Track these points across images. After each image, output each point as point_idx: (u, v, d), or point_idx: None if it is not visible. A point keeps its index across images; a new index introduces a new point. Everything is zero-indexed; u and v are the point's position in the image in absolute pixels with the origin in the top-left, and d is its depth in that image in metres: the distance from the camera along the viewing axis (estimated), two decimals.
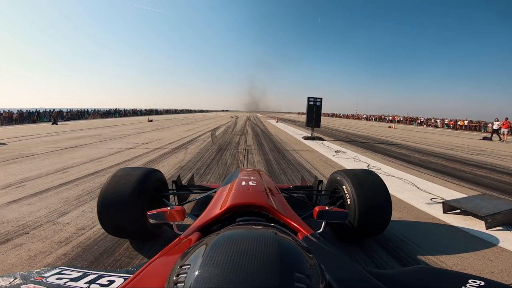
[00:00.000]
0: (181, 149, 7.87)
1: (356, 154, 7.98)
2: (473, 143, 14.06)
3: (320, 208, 1.35)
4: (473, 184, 4.99)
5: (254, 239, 0.67)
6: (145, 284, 0.87)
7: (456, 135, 20.31)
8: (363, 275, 0.95)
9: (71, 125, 18.81)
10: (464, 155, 9.03)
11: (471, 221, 3.14)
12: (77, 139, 10.08)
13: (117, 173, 2.24)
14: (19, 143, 9.15)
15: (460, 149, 10.56)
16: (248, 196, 1.64)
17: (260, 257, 0.60)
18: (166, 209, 1.32)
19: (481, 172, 6.20)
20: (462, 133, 23.99)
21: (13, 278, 1.00)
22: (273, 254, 0.61)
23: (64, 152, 7.13)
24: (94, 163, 5.81)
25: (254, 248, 0.63)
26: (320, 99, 10.96)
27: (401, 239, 2.62)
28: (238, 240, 0.67)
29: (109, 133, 12.51)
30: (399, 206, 3.60)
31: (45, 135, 11.87)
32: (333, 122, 32.47)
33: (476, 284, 0.88)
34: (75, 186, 4.13)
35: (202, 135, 12.39)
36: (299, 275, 0.58)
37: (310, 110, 10.99)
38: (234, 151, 7.95)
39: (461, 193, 4.27)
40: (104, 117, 34.37)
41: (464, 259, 2.29)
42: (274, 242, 0.66)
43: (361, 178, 2.33)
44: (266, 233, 0.74)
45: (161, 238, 2.43)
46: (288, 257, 0.62)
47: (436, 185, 4.80)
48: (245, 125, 21.38)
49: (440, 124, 36.47)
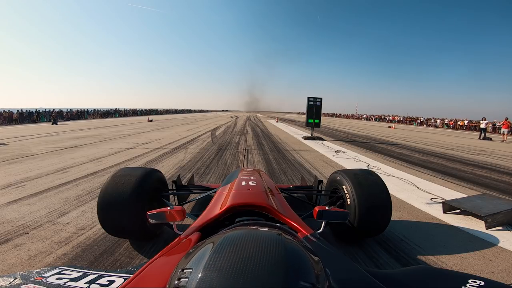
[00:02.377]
0: (181, 149, 7.88)
1: (356, 154, 7.99)
2: (473, 143, 14.07)
3: (320, 208, 1.35)
4: (473, 184, 4.99)
5: (259, 243, 0.66)
6: (145, 284, 0.86)
7: (456, 135, 20.31)
8: (363, 275, 0.95)
9: (71, 125, 18.78)
10: (464, 155, 9.02)
11: (471, 221, 3.14)
12: (77, 139, 10.07)
13: (117, 173, 2.24)
14: (20, 143, 9.15)
15: (460, 149, 10.56)
16: (248, 196, 1.64)
17: (265, 263, 0.59)
18: (166, 209, 1.31)
19: (481, 172, 6.20)
20: (462, 133, 23.99)
21: (13, 278, 1.00)
22: (279, 261, 0.60)
23: (64, 152, 7.13)
24: (94, 163, 5.81)
25: (259, 254, 0.61)
26: (320, 99, 10.98)
27: (401, 239, 2.62)
28: (242, 244, 0.65)
29: (109, 133, 12.51)
30: (399, 206, 3.60)
31: (45, 135, 11.87)
32: (333, 122, 32.50)
33: (476, 284, 0.88)
34: (75, 186, 4.14)
35: (202, 135, 12.41)
36: (305, 284, 0.57)
37: (310, 110, 11.02)
38: (234, 151, 7.96)
39: (461, 193, 4.27)
40: (104, 117, 34.31)
41: (464, 259, 2.29)
42: (279, 247, 0.65)
43: (361, 178, 2.33)
44: (271, 236, 0.72)
45: (161, 238, 2.43)
46: (294, 264, 0.61)
47: (436, 185, 4.80)
48: (245, 125, 21.39)
49: (440, 124, 36.45)
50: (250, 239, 0.68)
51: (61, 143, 9.01)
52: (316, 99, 10.96)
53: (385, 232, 2.42)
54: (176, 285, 0.59)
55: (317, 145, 9.66)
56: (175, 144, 8.90)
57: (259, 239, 0.68)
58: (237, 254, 0.61)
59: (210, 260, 0.60)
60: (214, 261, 0.59)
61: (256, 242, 0.66)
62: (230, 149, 8.20)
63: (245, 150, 8.09)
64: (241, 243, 0.65)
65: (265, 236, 0.72)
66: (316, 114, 11.02)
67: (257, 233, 0.75)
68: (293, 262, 0.61)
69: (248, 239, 0.68)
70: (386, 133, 17.90)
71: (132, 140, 9.79)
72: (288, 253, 0.63)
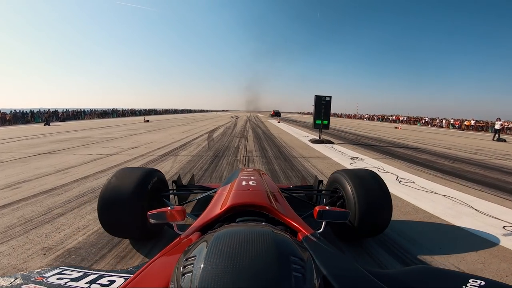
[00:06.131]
0: (170, 157, 6.71)
1: (377, 161, 6.80)
2: (490, 145, 13.07)
3: (321, 208, 1.36)
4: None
5: (250, 232, 0.74)
6: (146, 284, 0.87)
7: (467, 136, 19.25)
8: (363, 274, 0.94)
9: (63, 126, 17.56)
10: (492, 160, 7.99)
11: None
12: (59, 143, 8.97)
13: (117, 173, 2.23)
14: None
15: (484, 153, 9.47)
16: (249, 196, 1.64)
17: (257, 245, 0.67)
18: (167, 209, 1.32)
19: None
20: (471, 134, 22.88)
21: (13, 278, 1.00)
22: (269, 242, 0.68)
23: (33, 160, 6.04)
24: (58, 175, 4.68)
25: (251, 239, 0.69)
26: (329, 97, 9.83)
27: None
28: (236, 233, 0.73)
29: (97, 135, 11.39)
30: (469, 241, 2.51)
31: (29, 137, 10.75)
32: (336, 122, 31.29)
33: (477, 284, 0.88)
34: (13, 211, 3.01)
35: (198, 137, 11.21)
36: (294, 258, 0.65)
37: (318, 109, 9.83)
38: (232, 158, 6.78)
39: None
40: (102, 117, 32.65)
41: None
42: (268, 233, 0.74)
43: (362, 177, 2.31)
44: (260, 227, 0.84)
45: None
46: (282, 244, 0.71)
47: (495, 205, 3.70)
48: (246, 125, 20.01)
49: (445, 124, 35.44)
50: (241, 230, 0.76)
51: (38, 147, 7.92)
52: (324, 98, 9.78)
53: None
54: (182, 272, 0.63)
55: (327, 150, 8.48)
56: (165, 149, 7.74)
57: (249, 230, 0.77)
58: (232, 241, 0.68)
59: (210, 247, 0.66)
60: (214, 248, 0.65)
61: (246, 232, 0.73)
62: (227, 156, 7.02)
63: (245, 158, 6.91)
64: (234, 234, 0.72)
65: (253, 228, 0.82)
66: (325, 114, 9.82)
67: (246, 227, 0.89)
68: (281, 243, 0.70)
69: (239, 231, 0.76)
70: (396, 135, 16.73)
71: (118, 145, 8.65)
72: (276, 238, 0.72)
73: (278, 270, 0.60)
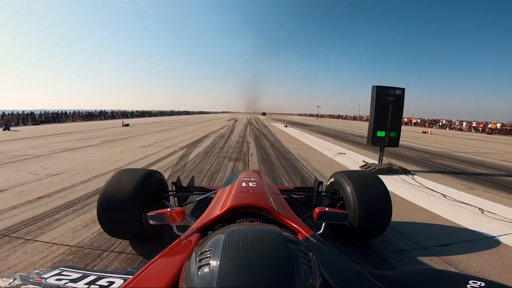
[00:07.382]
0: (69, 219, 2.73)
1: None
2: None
3: (320, 209, 1.38)
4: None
5: (258, 228, 0.78)
6: (145, 285, 0.86)
7: (501, 141, 17.05)
8: (363, 276, 0.93)
9: (24, 132, 14.28)
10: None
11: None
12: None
13: (117, 175, 2.23)
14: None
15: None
16: (248, 197, 1.64)
17: (268, 239, 0.71)
18: (166, 210, 1.32)
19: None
20: (502, 138, 20.92)
21: (12, 279, 0.98)
22: (278, 236, 0.73)
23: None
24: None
25: (261, 234, 0.73)
26: (401, 90, 5.44)
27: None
28: (246, 229, 0.76)
29: (25, 149, 7.97)
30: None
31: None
32: (349, 126, 26.88)
33: (477, 285, 0.87)
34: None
35: (165, 157, 6.87)
36: (301, 252, 0.70)
37: (381, 111, 5.42)
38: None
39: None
40: (87, 119, 29.47)
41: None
42: (275, 229, 0.79)
43: (361, 179, 2.33)
44: (267, 226, 0.91)
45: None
46: (290, 239, 0.75)
47: None
48: (245, 132, 15.48)
49: (466, 127, 31.43)
50: (250, 227, 0.79)
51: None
52: (392, 90, 5.38)
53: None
54: (198, 264, 0.64)
55: (417, 196, 4.05)
56: (79, 193, 3.47)
57: (257, 227, 0.81)
58: (245, 235, 0.71)
59: (227, 241, 0.69)
60: (231, 241, 0.68)
61: (255, 229, 0.77)
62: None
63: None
64: (244, 230, 0.75)
65: (261, 226, 0.89)
66: (393, 120, 5.51)
67: (254, 225, 0.94)
68: (289, 238, 0.76)
69: (248, 228, 0.78)
70: (445, 144, 12.84)
71: (33, 168, 5.07)
72: (284, 235, 0.76)
73: (289, 261, 0.65)
